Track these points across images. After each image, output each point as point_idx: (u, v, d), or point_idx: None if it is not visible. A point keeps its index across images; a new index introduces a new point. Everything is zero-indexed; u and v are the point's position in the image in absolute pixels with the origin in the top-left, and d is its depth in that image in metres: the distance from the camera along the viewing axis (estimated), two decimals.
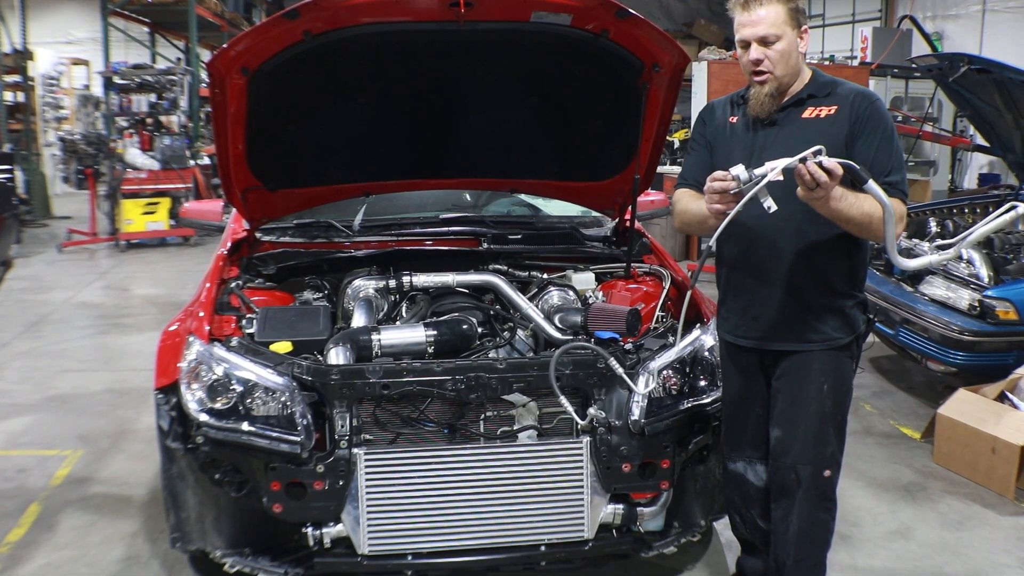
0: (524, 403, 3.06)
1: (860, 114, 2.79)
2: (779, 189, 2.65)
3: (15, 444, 4.94)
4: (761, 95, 2.85)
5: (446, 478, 2.92)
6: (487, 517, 2.96)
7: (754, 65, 2.81)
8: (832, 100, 2.84)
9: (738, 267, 3.00)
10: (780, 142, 2.82)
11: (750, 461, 3.09)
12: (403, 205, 4.44)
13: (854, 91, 2.86)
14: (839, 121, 2.80)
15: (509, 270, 3.87)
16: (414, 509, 2.92)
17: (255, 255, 3.82)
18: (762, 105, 2.86)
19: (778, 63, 2.80)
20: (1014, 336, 4.96)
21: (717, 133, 3.03)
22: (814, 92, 2.86)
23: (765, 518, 3.10)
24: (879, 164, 2.73)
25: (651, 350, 3.14)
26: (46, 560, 3.69)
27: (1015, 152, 6.64)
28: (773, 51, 2.79)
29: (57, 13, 19.61)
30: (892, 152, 2.78)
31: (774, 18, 2.77)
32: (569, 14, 3.25)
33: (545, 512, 2.99)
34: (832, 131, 2.78)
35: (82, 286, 9.08)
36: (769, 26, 2.76)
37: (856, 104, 2.80)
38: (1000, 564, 3.74)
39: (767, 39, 2.78)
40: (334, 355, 3.06)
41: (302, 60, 3.30)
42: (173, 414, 2.97)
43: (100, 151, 11.28)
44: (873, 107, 2.80)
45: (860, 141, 2.77)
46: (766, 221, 2.79)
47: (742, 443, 3.09)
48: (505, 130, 3.91)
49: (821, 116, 2.83)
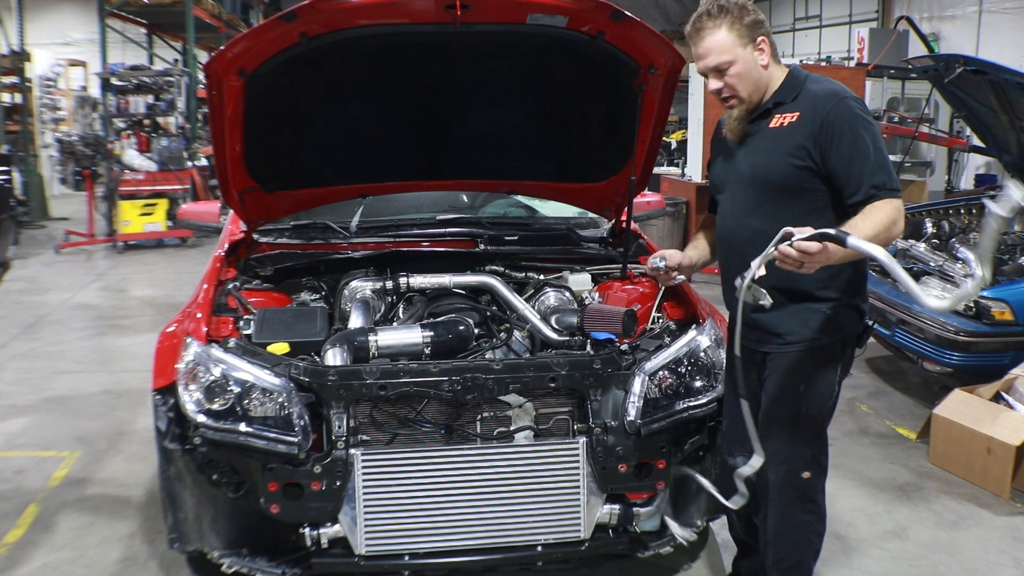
0: (520, 404, 3.06)
1: (825, 120, 2.69)
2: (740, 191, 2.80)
3: (13, 445, 4.95)
4: (731, 120, 2.86)
5: (443, 479, 2.93)
6: (484, 517, 2.97)
7: (717, 94, 2.82)
8: (796, 105, 2.77)
9: (725, 278, 3.01)
10: (747, 155, 2.85)
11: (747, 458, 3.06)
12: (400, 206, 4.45)
13: (820, 92, 2.76)
14: (800, 127, 2.73)
15: (506, 271, 3.87)
16: (411, 510, 2.93)
17: (252, 256, 3.83)
18: (733, 131, 2.87)
19: (739, 86, 2.78)
20: (1010, 337, 4.97)
21: (716, 148, 3.07)
22: (781, 99, 2.81)
23: (758, 515, 3.11)
24: (856, 173, 2.65)
25: (647, 351, 3.15)
26: (44, 561, 3.69)
27: (1011, 153, 6.66)
28: (730, 77, 2.77)
29: (54, 14, 19.59)
30: (869, 155, 2.66)
31: (720, 45, 2.73)
32: (565, 16, 3.26)
33: (542, 512, 2.99)
34: (793, 139, 2.73)
35: (79, 287, 9.09)
36: (718, 55, 2.74)
37: (820, 108, 2.71)
38: (995, 564, 3.75)
39: (720, 67, 2.76)
40: (331, 356, 3.07)
41: (299, 62, 3.31)
42: (171, 415, 2.98)
43: (97, 152, 11.28)
44: (838, 109, 2.69)
45: (832, 153, 2.67)
46: (732, 234, 2.87)
47: (738, 440, 3.06)
48: (502, 132, 3.93)
49: (785, 124, 2.77)
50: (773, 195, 2.79)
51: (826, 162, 2.69)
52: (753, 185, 2.83)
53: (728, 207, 2.95)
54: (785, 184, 2.76)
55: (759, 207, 2.81)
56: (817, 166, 2.71)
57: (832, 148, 2.67)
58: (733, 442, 3.10)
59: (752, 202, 2.83)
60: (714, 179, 3.07)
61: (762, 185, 2.81)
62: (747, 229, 2.82)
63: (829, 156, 2.68)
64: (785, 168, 2.74)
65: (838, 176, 2.68)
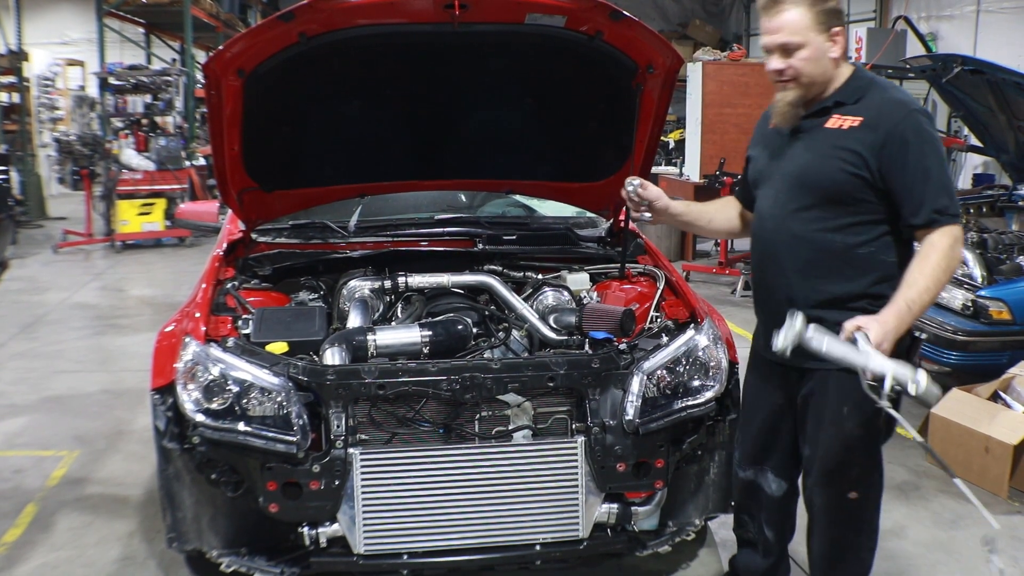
0: (519, 403, 3.07)
1: (891, 133, 2.53)
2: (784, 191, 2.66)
3: (11, 445, 4.94)
4: (783, 103, 2.66)
5: (441, 478, 2.93)
6: (482, 517, 2.97)
7: (775, 74, 2.63)
8: (859, 109, 2.60)
9: (758, 282, 2.92)
10: (798, 153, 2.69)
11: (762, 470, 3.04)
12: (398, 206, 4.45)
13: (887, 100, 2.60)
14: (861, 134, 2.57)
15: (504, 271, 3.88)
16: (410, 509, 2.93)
17: (251, 256, 3.82)
18: (783, 115, 2.68)
19: (803, 72, 2.59)
20: (1007, 336, 4.98)
21: (758, 135, 2.92)
22: (843, 99, 2.64)
23: (770, 525, 3.08)
24: (917, 195, 2.52)
25: (645, 350, 3.15)
26: (43, 560, 3.69)
27: (1008, 152, 6.67)
28: (796, 60, 2.58)
29: (52, 14, 19.56)
30: (932, 176, 2.52)
31: (796, 24, 2.54)
32: (563, 16, 3.26)
33: (540, 512, 3.00)
34: (851, 144, 2.58)
35: (78, 287, 9.08)
36: (790, 33, 2.55)
37: (886, 119, 2.55)
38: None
39: (788, 47, 2.57)
40: (330, 355, 3.07)
41: (298, 62, 3.31)
42: (169, 414, 2.98)
43: (96, 152, 11.26)
44: (906, 123, 2.54)
45: (893, 170, 2.53)
46: (772, 237, 2.74)
47: (754, 452, 3.04)
48: (500, 131, 3.93)
49: (844, 127, 2.60)
50: (819, 200, 2.64)
51: (885, 177, 2.55)
52: (800, 186, 2.68)
53: (767, 206, 2.80)
54: (835, 190, 2.61)
55: (803, 211, 2.67)
56: (873, 178, 2.56)
57: (895, 165, 2.53)
58: (745, 454, 3.06)
59: (796, 205, 2.68)
60: (753, 173, 2.91)
61: (809, 188, 2.66)
62: (786, 233, 2.70)
63: (890, 172, 2.54)
64: (837, 174, 2.59)
65: (897, 194, 2.55)
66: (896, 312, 2.45)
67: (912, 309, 2.46)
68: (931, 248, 2.52)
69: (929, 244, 2.53)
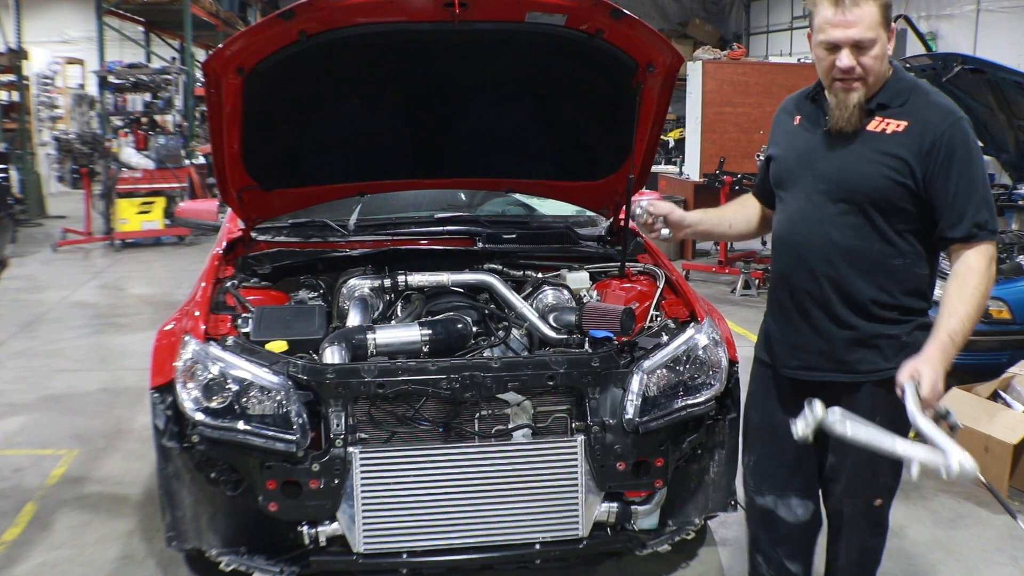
0: (519, 402, 3.07)
1: (937, 141, 2.42)
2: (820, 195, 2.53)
3: (10, 444, 4.94)
4: (849, 105, 2.47)
5: (441, 477, 2.93)
6: (482, 515, 2.97)
7: (844, 72, 2.44)
8: (904, 113, 2.47)
9: (781, 288, 2.75)
10: (837, 156, 2.55)
11: (782, 495, 2.85)
12: (398, 205, 4.45)
13: (932, 107, 2.48)
14: (906, 141, 2.45)
15: (504, 269, 3.87)
16: (409, 507, 2.93)
17: (250, 254, 3.82)
18: (850, 118, 2.49)
19: (872, 71, 2.44)
20: (1007, 335, 4.98)
21: (780, 132, 2.77)
22: (886, 101, 2.50)
23: (793, 558, 2.88)
24: (959, 207, 2.42)
25: (645, 349, 3.15)
26: (42, 559, 3.69)
27: (1008, 152, 6.68)
28: (868, 57, 2.41)
29: (52, 12, 19.59)
30: (976, 188, 2.43)
31: (872, 18, 2.38)
32: (563, 14, 3.26)
33: (540, 510, 2.99)
34: (896, 150, 2.46)
35: (77, 285, 9.08)
36: (866, 28, 2.38)
37: (932, 126, 2.44)
38: (993, 562, 3.76)
39: (862, 44, 2.39)
40: (329, 354, 3.07)
41: (297, 60, 3.31)
42: (169, 413, 2.98)
43: (95, 150, 11.27)
44: (952, 131, 2.43)
45: (937, 179, 2.43)
46: (804, 241, 2.60)
47: (774, 476, 2.86)
48: (500, 130, 3.92)
49: (887, 131, 2.47)
50: (859, 206, 2.52)
51: (928, 186, 2.45)
52: (838, 190, 2.54)
53: (798, 209, 2.64)
54: (877, 197, 2.49)
55: (840, 216, 2.54)
56: (917, 187, 2.46)
57: (939, 174, 2.43)
58: (763, 480, 2.89)
59: (834, 209, 2.55)
60: (780, 173, 2.73)
61: (849, 192, 2.52)
62: (823, 238, 2.57)
63: (933, 181, 2.44)
64: (881, 180, 2.47)
65: (938, 204, 2.45)
66: (941, 348, 2.37)
67: (956, 341, 2.38)
68: (968, 271, 2.44)
69: (966, 267, 2.44)
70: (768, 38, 19.85)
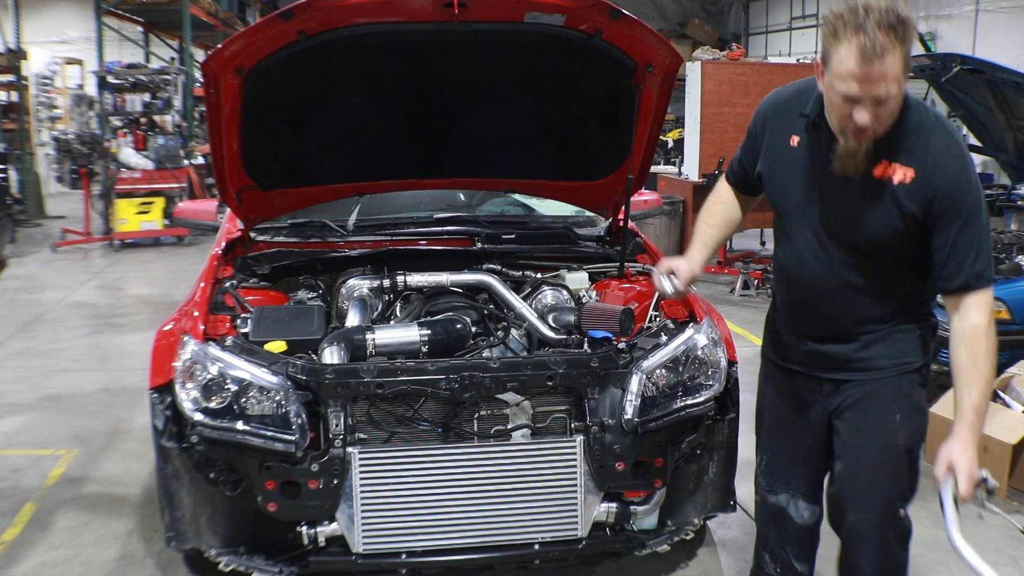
0: (518, 402, 3.07)
1: (941, 192, 2.34)
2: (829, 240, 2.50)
3: (9, 444, 4.94)
4: (858, 154, 2.36)
5: (440, 477, 2.93)
6: (481, 516, 2.97)
7: (857, 127, 2.30)
8: (911, 158, 2.36)
9: (790, 309, 2.76)
10: (844, 202, 2.46)
11: (794, 495, 2.87)
12: (397, 205, 4.45)
13: (938, 154, 2.36)
14: (913, 194, 2.36)
15: (503, 270, 3.88)
16: (408, 508, 2.93)
17: (249, 255, 3.82)
18: (856, 167, 2.39)
19: (886, 122, 2.32)
20: (1006, 335, 4.97)
21: (773, 147, 2.64)
22: (894, 143, 2.37)
23: (801, 558, 2.92)
24: (958, 260, 2.36)
25: (644, 349, 3.15)
26: (41, 559, 3.69)
27: (1007, 152, 6.68)
28: (886, 111, 2.28)
29: (51, 12, 19.58)
30: (975, 241, 2.36)
31: (896, 71, 2.21)
32: (562, 15, 3.26)
33: (539, 511, 2.99)
34: (904, 202, 2.37)
35: (76, 286, 9.08)
36: (890, 82, 2.22)
37: (939, 175, 2.34)
38: (992, 562, 3.70)
39: (882, 99, 2.25)
40: (328, 354, 3.07)
41: (297, 60, 3.31)
42: (168, 413, 2.98)
43: (94, 151, 11.27)
44: (956, 183, 2.34)
45: (938, 231, 2.37)
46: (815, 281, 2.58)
47: (788, 475, 2.87)
48: (499, 130, 3.92)
49: (894, 180, 2.38)
50: (871, 254, 2.50)
51: (930, 232, 2.40)
52: (849, 235, 2.49)
53: (808, 248, 2.59)
54: (887, 247, 2.47)
55: (853, 259, 2.51)
56: (923, 236, 2.42)
57: (941, 226, 2.37)
58: (776, 479, 2.90)
59: (846, 253, 2.52)
60: (782, 203, 2.65)
61: (860, 241, 2.48)
62: (835, 279, 2.55)
63: (935, 232, 2.39)
64: (890, 233, 2.43)
65: (936, 255, 2.40)
66: (969, 427, 2.37)
67: (981, 414, 2.36)
68: (975, 334, 2.40)
69: (972, 328, 2.40)
70: (767, 38, 19.87)
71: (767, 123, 2.68)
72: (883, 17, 2.18)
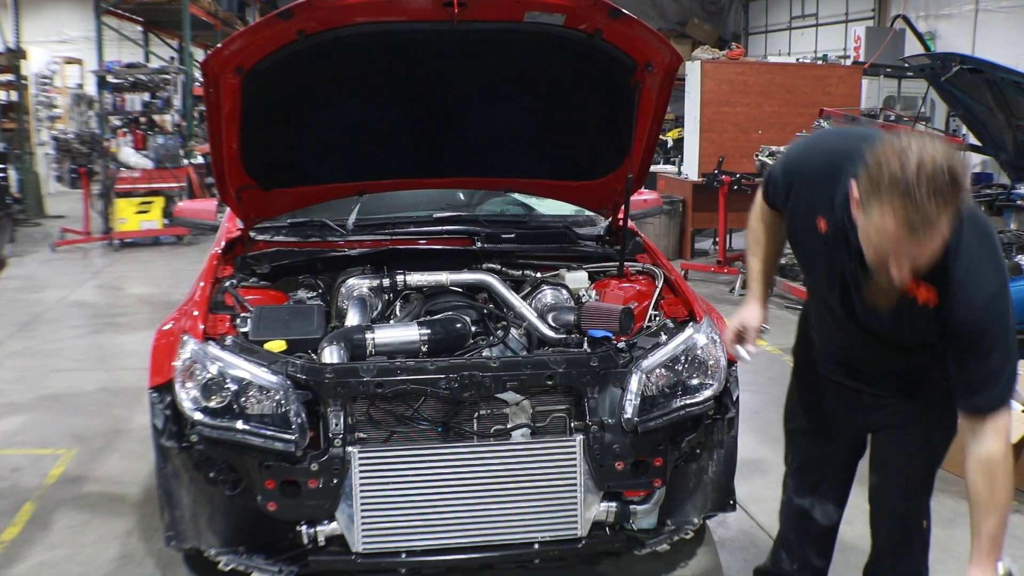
0: (517, 402, 3.07)
1: (963, 323, 2.25)
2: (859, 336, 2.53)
3: (9, 443, 4.94)
4: (892, 294, 2.30)
5: (440, 476, 2.93)
6: (481, 515, 2.97)
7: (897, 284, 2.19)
8: (936, 279, 2.24)
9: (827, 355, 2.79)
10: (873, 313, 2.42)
11: (822, 500, 2.94)
12: (397, 204, 4.45)
13: (963, 274, 2.23)
14: (938, 314, 2.30)
15: (503, 269, 3.87)
16: (408, 507, 2.93)
17: (249, 254, 3.82)
18: (888, 300, 2.33)
19: (926, 266, 2.15)
20: None
21: (799, 216, 2.52)
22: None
23: (819, 555, 3.01)
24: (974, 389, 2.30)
25: (644, 348, 3.15)
26: (40, 559, 3.69)
27: (1007, 151, 6.68)
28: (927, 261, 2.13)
29: (50, 12, 19.57)
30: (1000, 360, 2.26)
31: (945, 232, 2.04)
32: (562, 14, 3.26)
33: (539, 510, 2.99)
34: (929, 322, 2.32)
35: (76, 285, 9.07)
36: (936, 244, 2.06)
37: (964, 304, 2.24)
38: None
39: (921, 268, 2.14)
40: (328, 354, 3.07)
41: (296, 60, 3.31)
42: (167, 413, 2.97)
43: (94, 150, 11.26)
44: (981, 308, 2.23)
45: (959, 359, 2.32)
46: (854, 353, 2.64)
47: (819, 480, 2.93)
48: (499, 129, 3.92)
49: (919, 301, 2.30)
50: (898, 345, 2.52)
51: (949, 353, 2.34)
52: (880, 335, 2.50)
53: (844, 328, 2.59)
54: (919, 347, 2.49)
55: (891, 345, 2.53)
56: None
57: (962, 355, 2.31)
58: (804, 482, 2.96)
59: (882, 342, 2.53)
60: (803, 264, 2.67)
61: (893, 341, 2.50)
62: (872, 354, 2.60)
63: (953, 353, 2.33)
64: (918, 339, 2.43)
65: (953, 376, 2.35)
66: (987, 556, 2.32)
67: (998, 543, 2.32)
68: (992, 463, 2.29)
69: (989, 456, 2.29)
70: (767, 38, 19.87)
71: (792, 186, 2.53)
72: (934, 182, 1.95)
